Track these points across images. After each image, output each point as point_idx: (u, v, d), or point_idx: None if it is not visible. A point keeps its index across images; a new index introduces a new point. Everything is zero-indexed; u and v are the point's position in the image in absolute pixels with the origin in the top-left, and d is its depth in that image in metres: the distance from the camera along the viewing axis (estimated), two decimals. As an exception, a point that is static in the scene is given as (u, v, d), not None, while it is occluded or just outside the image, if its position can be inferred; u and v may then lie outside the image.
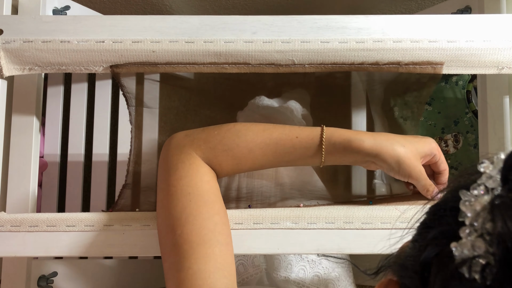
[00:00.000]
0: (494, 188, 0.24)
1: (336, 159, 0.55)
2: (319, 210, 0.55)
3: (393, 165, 0.53)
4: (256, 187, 0.72)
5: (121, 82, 0.71)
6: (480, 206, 0.23)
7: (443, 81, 0.94)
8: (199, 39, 0.57)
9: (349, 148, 0.53)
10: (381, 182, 0.93)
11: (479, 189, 0.24)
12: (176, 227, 0.47)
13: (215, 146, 0.53)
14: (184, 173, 0.51)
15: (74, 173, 0.93)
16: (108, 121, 0.94)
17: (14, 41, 0.56)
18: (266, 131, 0.54)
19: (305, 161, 0.55)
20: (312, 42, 0.56)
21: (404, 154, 0.52)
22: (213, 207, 0.49)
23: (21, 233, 0.55)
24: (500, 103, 0.67)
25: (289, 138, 0.53)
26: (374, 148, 0.52)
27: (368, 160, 0.54)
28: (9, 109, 0.67)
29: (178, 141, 0.54)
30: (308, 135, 0.54)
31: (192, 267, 0.44)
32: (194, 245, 0.46)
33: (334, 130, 0.54)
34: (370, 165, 0.55)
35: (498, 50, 0.56)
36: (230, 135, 0.53)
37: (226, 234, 0.49)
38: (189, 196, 0.49)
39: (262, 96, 0.89)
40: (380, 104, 0.98)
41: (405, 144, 0.53)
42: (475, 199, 0.24)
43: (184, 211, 0.48)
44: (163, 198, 0.51)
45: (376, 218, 0.55)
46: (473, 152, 0.92)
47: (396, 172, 0.54)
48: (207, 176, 0.52)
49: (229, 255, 0.47)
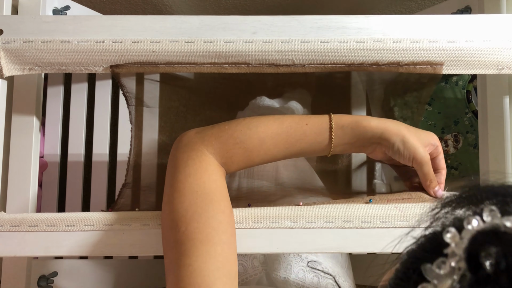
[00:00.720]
0: (460, 269, 0.22)
1: (345, 143, 0.55)
2: (319, 209, 0.55)
3: (398, 143, 0.54)
4: (256, 187, 0.72)
5: (121, 82, 0.71)
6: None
7: (443, 81, 0.94)
8: (199, 39, 0.57)
9: (356, 128, 0.54)
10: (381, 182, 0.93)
11: (444, 268, 0.22)
12: (180, 224, 0.47)
13: (226, 140, 0.53)
14: (193, 171, 0.51)
15: (74, 173, 0.93)
16: (108, 121, 0.94)
17: (14, 41, 0.56)
18: (276, 121, 0.55)
19: (315, 149, 0.56)
20: (312, 42, 0.56)
21: (409, 135, 0.54)
22: (218, 206, 0.49)
23: (21, 233, 0.55)
24: (500, 103, 0.67)
25: (299, 126, 0.54)
26: (380, 126, 0.54)
27: (374, 141, 0.55)
28: (9, 109, 0.67)
29: (189, 138, 0.54)
30: (318, 121, 0.55)
31: (193, 264, 0.44)
32: (197, 242, 0.45)
33: (342, 115, 0.56)
34: (376, 149, 0.56)
35: (498, 50, 0.56)
36: (241, 128, 0.54)
37: (230, 233, 0.49)
38: (196, 194, 0.49)
39: (263, 97, 0.89)
40: (380, 104, 0.98)
41: (409, 128, 0.55)
42: (435, 284, 0.22)
43: (189, 208, 0.48)
44: (169, 194, 0.51)
45: (375, 217, 0.55)
46: (473, 152, 0.92)
47: (401, 153, 0.54)
48: (215, 175, 0.52)
49: (231, 254, 0.47)
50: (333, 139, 0.55)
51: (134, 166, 0.76)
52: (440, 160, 0.58)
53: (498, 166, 0.66)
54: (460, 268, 0.22)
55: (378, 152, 0.57)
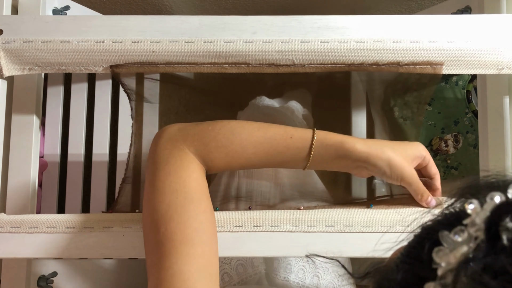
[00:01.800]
0: (477, 238, 0.22)
1: (327, 162, 0.54)
2: (319, 213, 0.55)
3: (384, 168, 0.53)
4: (256, 187, 0.72)
5: (122, 81, 0.71)
6: (455, 260, 0.22)
7: (443, 81, 0.94)
8: (199, 39, 0.57)
9: (341, 150, 0.53)
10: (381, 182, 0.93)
11: (461, 236, 0.23)
12: (160, 224, 0.47)
13: (208, 142, 0.52)
14: (173, 169, 0.50)
15: (74, 173, 0.93)
16: (108, 121, 0.94)
17: (14, 41, 0.56)
18: (260, 130, 0.54)
19: (295, 163, 0.55)
20: (312, 42, 0.56)
21: (394, 157, 0.53)
22: (199, 205, 0.49)
23: (21, 234, 0.55)
24: (500, 103, 0.67)
25: (283, 138, 0.53)
26: (364, 151, 0.53)
27: (359, 165, 0.54)
28: (9, 109, 0.67)
29: (171, 135, 0.53)
30: (302, 136, 0.54)
31: (172, 267, 0.43)
32: (177, 244, 0.45)
33: (327, 133, 0.54)
34: (362, 171, 0.55)
35: (498, 50, 0.56)
36: (225, 132, 0.53)
37: (210, 233, 0.48)
38: (176, 193, 0.48)
39: (263, 96, 0.89)
40: (380, 104, 0.98)
41: (394, 147, 0.54)
42: (451, 249, 0.22)
43: (169, 208, 0.47)
44: (149, 193, 0.50)
45: (376, 222, 0.54)
46: (473, 152, 0.92)
47: (388, 176, 0.54)
48: (196, 173, 0.51)
49: (212, 255, 0.47)
50: (312, 156, 0.54)
51: (134, 162, 0.76)
52: (431, 167, 0.57)
53: (498, 166, 0.66)
54: (477, 238, 0.22)
55: (364, 174, 0.56)
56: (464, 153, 0.92)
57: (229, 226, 0.55)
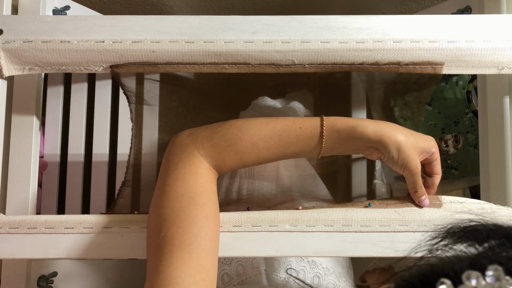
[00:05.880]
0: None
1: (340, 147, 0.55)
2: (318, 213, 0.55)
3: (393, 152, 0.53)
4: (257, 189, 0.72)
5: (121, 81, 0.71)
6: None
7: (443, 81, 0.94)
8: (199, 39, 0.57)
9: (352, 134, 0.53)
10: (381, 183, 0.93)
11: None
12: (162, 228, 0.47)
13: (218, 142, 0.53)
14: (181, 174, 0.51)
15: (74, 173, 0.93)
16: (108, 121, 0.94)
17: (14, 41, 0.56)
18: (269, 124, 0.54)
19: (309, 152, 0.55)
20: (312, 42, 0.56)
21: (405, 144, 0.53)
22: (202, 210, 0.49)
23: (20, 235, 0.55)
24: (500, 103, 0.67)
25: (292, 129, 0.54)
26: (377, 133, 0.53)
27: (371, 146, 0.54)
28: (9, 109, 0.67)
29: (182, 140, 0.54)
30: (312, 124, 0.54)
31: (165, 271, 0.43)
32: (174, 248, 0.45)
33: (337, 118, 0.55)
34: (373, 153, 0.56)
35: (498, 50, 0.56)
36: (233, 130, 0.53)
37: (209, 239, 0.48)
38: (181, 198, 0.49)
39: (265, 97, 0.89)
40: (380, 104, 0.98)
41: (407, 134, 0.54)
42: None
43: (172, 212, 0.48)
44: (157, 197, 0.51)
45: (374, 221, 0.55)
46: (473, 152, 0.92)
47: (395, 161, 0.54)
48: (204, 179, 0.51)
49: (208, 260, 0.46)
50: (325, 143, 0.54)
51: (134, 165, 0.76)
52: (435, 166, 0.57)
53: (498, 166, 0.66)
54: None
55: (375, 156, 0.56)
56: (464, 153, 0.92)
57: (227, 226, 0.55)
